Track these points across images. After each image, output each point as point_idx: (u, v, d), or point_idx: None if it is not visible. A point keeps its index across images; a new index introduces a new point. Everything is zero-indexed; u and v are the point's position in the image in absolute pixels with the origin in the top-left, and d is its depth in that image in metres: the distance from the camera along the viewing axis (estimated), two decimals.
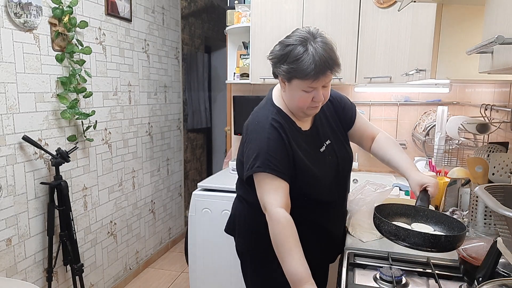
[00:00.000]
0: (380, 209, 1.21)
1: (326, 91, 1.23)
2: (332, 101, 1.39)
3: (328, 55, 1.19)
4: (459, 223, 1.11)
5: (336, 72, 1.21)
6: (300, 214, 1.22)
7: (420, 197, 1.19)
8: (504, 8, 0.69)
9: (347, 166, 1.42)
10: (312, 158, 1.28)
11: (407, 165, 1.31)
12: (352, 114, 1.43)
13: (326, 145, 1.34)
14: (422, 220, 1.20)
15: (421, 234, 1.03)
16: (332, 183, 1.33)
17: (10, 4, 1.76)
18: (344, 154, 1.39)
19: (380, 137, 1.48)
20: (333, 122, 1.39)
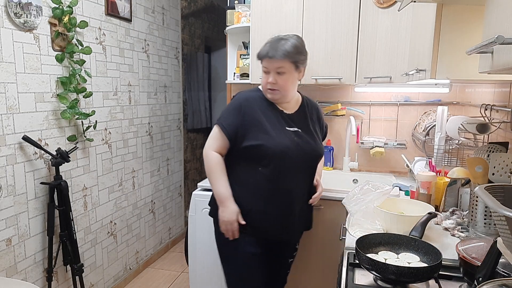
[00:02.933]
0: (372, 238, 1.25)
1: (281, 79, 1.51)
2: (318, 110, 1.75)
3: (282, 46, 1.49)
4: (437, 254, 1.11)
5: (288, 61, 1.49)
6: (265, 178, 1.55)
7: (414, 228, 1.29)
8: (504, 8, 0.69)
9: (312, 157, 1.62)
10: (273, 123, 1.55)
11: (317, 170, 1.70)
12: (325, 133, 1.82)
13: (295, 130, 1.59)
14: (412, 250, 1.20)
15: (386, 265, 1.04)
16: (292, 155, 1.54)
17: (10, 4, 1.76)
18: (313, 146, 1.61)
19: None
20: (316, 125, 1.69)
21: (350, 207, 1.53)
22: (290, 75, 1.52)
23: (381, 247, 1.22)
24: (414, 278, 1.04)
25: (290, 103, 1.62)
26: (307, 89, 2.62)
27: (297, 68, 1.54)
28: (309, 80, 2.29)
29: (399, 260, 1.15)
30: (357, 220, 1.48)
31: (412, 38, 1.70)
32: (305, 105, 1.68)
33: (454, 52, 1.24)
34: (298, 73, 1.57)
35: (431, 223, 1.45)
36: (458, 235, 1.43)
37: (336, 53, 2.23)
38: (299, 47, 1.52)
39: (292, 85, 1.56)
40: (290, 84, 1.54)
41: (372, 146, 2.44)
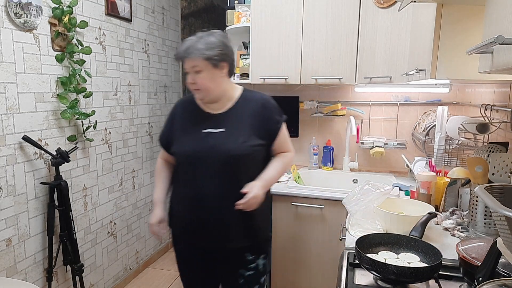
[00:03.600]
0: (372, 238, 1.24)
1: (199, 78, 1.42)
2: (264, 106, 1.54)
3: (194, 44, 1.40)
4: (437, 254, 1.11)
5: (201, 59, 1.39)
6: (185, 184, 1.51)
7: (414, 228, 1.28)
8: (504, 8, 0.69)
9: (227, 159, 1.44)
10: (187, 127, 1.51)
11: (261, 175, 1.49)
12: (275, 129, 1.54)
13: (216, 131, 1.47)
14: (412, 250, 1.20)
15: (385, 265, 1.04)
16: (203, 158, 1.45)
17: (10, 4, 1.76)
18: (229, 148, 1.44)
19: (283, 153, 1.59)
20: (252, 120, 1.50)
21: (350, 207, 1.53)
22: (208, 73, 1.42)
23: (381, 247, 1.22)
24: (414, 278, 1.04)
25: (220, 103, 1.51)
26: (307, 89, 2.62)
27: (216, 65, 1.42)
28: (309, 80, 2.30)
29: (399, 260, 1.15)
30: (357, 220, 1.48)
31: (412, 38, 1.70)
32: (240, 102, 1.53)
33: (454, 52, 1.24)
34: (220, 70, 1.44)
35: (431, 223, 1.45)
36: (458, 235, 1.43)
37: (336, 53, 2.23)
38: (212, 43, 1.40)
39: (214, 83, 1.44)
40: (210, 83, 1.43)
41: (372, 146, 2.44)
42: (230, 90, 1.53)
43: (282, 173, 1.60)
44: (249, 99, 1.54)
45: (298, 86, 2.59)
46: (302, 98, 2.63)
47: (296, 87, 2.61)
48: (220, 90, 1.48)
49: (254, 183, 1.43)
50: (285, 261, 2.24)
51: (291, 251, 2.21)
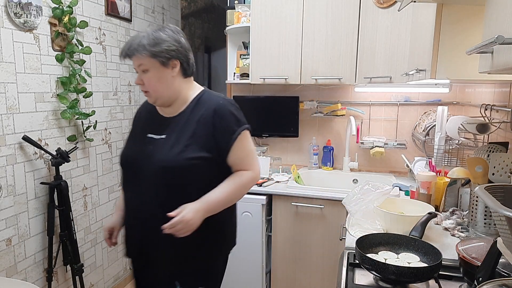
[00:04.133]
0: (372, 238, 1.24)
1: (146, 78, 1.26)
2: (216, 112, 1.27)
3: (138, 40, 1.23)
4: (437, 254, 1.11)
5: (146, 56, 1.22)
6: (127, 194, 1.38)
7: (414, 228, 1.27)
8: (504, 8, 0.69)
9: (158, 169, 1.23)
10: (136, 132, 1.40)
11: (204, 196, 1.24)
12: (227, 141, 1.27)
13: (159, 137, 1.28)
14: (412, 250, 1.20)
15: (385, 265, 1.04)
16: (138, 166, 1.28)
17: (10, 4, 1.76)
18: (161, 157, 1.24)
19: (240, 172, 1.31)
20: (198, 128, 1.27)
21: (350, 207, 1.53)
22: (156, 72, 1.24)
23: (381, 247, 1.22)
24: (414, 278, 1.04)
25: (174, 106, 1.32)
26: (307, 89, 2.62)
27: (164, 64, 1.23)
28: (309, 80, 2.30)
29: (399, 260, 1.15)
30: (357, 220, 1.48)
31: (412, 38, 1.70)
32: (192, 106, 1.31)
33: (454, 52, 1.24)
34: (172, 69, 1.25)
35: (431, 223, 1.45)
36: (458, 235, 1.43)
37: (336, 53, 2.23)
38: (159, 38, 1.22)
39: (163, 84, 1.26)
40: (158, 83, 1.25)
41: (372, 146, 2.44)
42: (186, 92, 1.32)
43: (235, 197, 1.31)
44: (203, 103, 1.30)
45: (298, 86, 2.59)
46: (302, 98, 2.63)
47: (296, 87, 2.61)
48: (171, 91, 1.28)
49: (188, 205, 1.20)
50: (285, 261, 2.24)
51: (291, 251, 2.21)
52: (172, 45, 1.24)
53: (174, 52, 1.24)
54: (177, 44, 1.25)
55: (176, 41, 1.25)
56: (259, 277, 2.20)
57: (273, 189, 2.19)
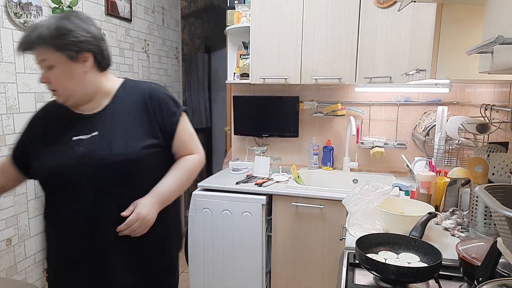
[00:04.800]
0: (372, 238, 1.24)
1: (53, 75, 1.08)
2: (153, 96, 1.19)
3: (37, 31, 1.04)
4: (437, 254, 1.11)
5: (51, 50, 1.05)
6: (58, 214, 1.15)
7: (414, 228, 1.26)
8: (504, 8, 0.69)
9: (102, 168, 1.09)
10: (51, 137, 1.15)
11: (154, 188, 1.16)
12: (172, 123, 1.20)
13: (89, 136, 1.12)
14: (412, 250, 1.20)
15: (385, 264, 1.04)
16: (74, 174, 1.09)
17: (10, 4, 1.76)
18: (103, 154, 1.10)
19: (187, 157, 1.25)
20: (139, 116, 1.17)
21: (350, 207, 1.53)
22: (63, 68, 1.07)
23: (381, 247, 1.22)
24: (414, 278, 1.04)
25: (93, 101, 1.16)
26: (307, 89, 2.62)
27: (73, 58, 1.07)
28: (309, 80, 2.30)
29: (399, 260, 1.15)
30: (357, 220, 1.48)
31: (412, 38, 1.70)
32: (119, 97, 1.18)
33: (454, 52, 1.24)
34: (83, 63, 1.09)
35: (431, 223, 1.45)
36: (458, 235, 1.43)
37: (336, 53, 2.23)
38: (63, 28, 1.05)
39: (75, 81, 1.09)
40: (68, 81, 1.09)
41: (372, 146, 2.44)
42: (105, 85, 1.18)
43: (186, 183, 1.23)
44: (132, 91, 1.20)
45: (298, 86, 2.59)
46: (302, 98, 2.63)
47: (296, 87, 2.61)
48: (86, 88, 1.13)
49: (140, 200, 1.11)
50: (285, 261, 2.24)
51: (291, 251, 2.21)
52: (80, 35, 1.07)
53: (83, 43, 1.07)
54: (87, 34, 1.08)
55: (85, 31, 1.08)
56: (259, 277, 2.20)
57: (273, 189, 2.19)
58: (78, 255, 1.12)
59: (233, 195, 2.18)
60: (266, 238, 2.21)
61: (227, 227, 2.19)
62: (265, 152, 2.61)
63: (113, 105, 1.17)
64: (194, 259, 2.29)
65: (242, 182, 2.29)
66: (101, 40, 1.13)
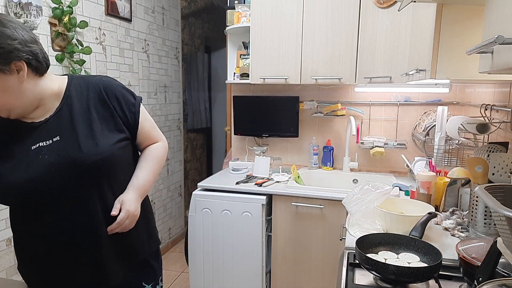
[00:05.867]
0: (372, 238, 1.24)
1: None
2: (107, 89, 1.13)
3: None
4: (437, 254, 1.11)
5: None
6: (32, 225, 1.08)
7: (414, 228, 1.27)
8: (504, 8, 0.69)
9: (85, 171, 1.04)
10: (11, 156, 1.03)
11: (132, 182, 1.16)
12: (134, 113, 1.17)
13: (49, 143, 1.05)
14: (412, 250, 1.20)
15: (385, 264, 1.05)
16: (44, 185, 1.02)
17: (10, 4, 1.76)
18: (75, 156, 1.03)
19: (153, 145, 1.26)
20: (98, 112, 1.11)
21: (350, 207, 1.53)
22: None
23: (381, 247, 1.22)
24: (414, 278, 1.04)
25: (41, 108, 1.07)
26: (307, 89, 2.62)
27: (3, 70, 0.94)
28: (309, 80, 2.30)
29: (399, 260, 1.15)
30: (357, 220, 1.48)
31: (412, 38, 1.70)
32: (70, 96, 1.10)
33: (454, 52, 1.24)
34: (17, 73, 0.97)
35: (431, 223, 1.45)
36: (458, 235, 1.43)
37: (336, 53, 2.23)
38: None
39: (12, 94, 0.98)
40: (3, 95, 0.97)
41: (372, 146, 2.44)
42: (50, 87, 1.08)
43: (158, 171, 1.25)
44: (83, 88, 1.12)
45: (298, 86, 2.59)
46: (302, 98, 2.63)
47: (296, 87, 2.61)
48: (27, 98, 1.02)
49: (125, 197, 1.11)
50: (285, 261, 2.24)
51: (291, 251, 2.21)
52: (5, 44, 0.93)
53: (12, 53, 0.94)
54: (13, 41, 0.95)
55: (11, 38, 0.95)
56: (259, 277, 2.20)
57: (273, 189, 2.19)
58: (69, 259, 1.09)
59: (233, 195, 2.18)
60: (266, 238, 2.21)
61: (227, 227, 2.19)
62: (265, 152, 2.61)
63: (67, 105, 1.09)
64: (194, 259, 2.29)
65: (242, 182, 2.29)
66: (32, 44, 1.01)
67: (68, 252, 1.08)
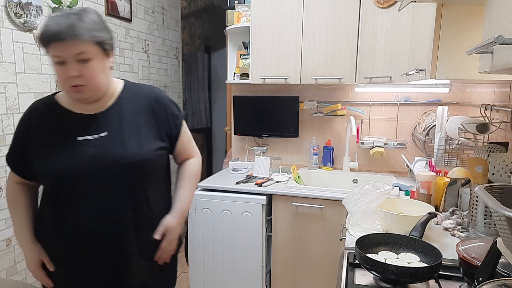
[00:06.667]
0: (371, 238, 1.24)
1: (87, 69, 1.04)
2: (158, 101, 1.22)
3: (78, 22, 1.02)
4: (437, 254, 1.11)
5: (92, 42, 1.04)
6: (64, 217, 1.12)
7: (414, 228, 1.27)
8: (504, 8, 0.69)
9: (121, 168, 1.10)
10: (53, 138, 1.11)
11: (177, 205, 1.25)
12: (177, 126, 1.26)
13: (96, 137, 1.11)
14: (412, 250, 1.20)
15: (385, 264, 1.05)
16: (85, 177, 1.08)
17: (10, 4, 1.76)
18: (125, 153, 1.11)
19: (190, 162, 1.34)
20: (146, 119, 1.19)
21: (350, 207, 1.53)
22: (99, 62, 1.07)
23: (381, 247, 1.22)
24: (414, 278, 1.04)
25: (101, 100, 1.16)
26: (307, 89, 2.62)
27: (107, 52, 1.10)
28: (309, 80, 2.30)
29: (399, 260, 1.15)
30: (357, 220, 1.48)
31: (412, 38, 1.70)
32: (124, 98, 1.19)
33: (454, 52, 1.24)
34: (110, 58, 1.12)
35: (431, 223, 1.45)
36: (458, 235, 1.43)
37: (336, 53, 2.23)
38: (99, 23, 1.07)
39: (104, 76, 1.10)
40: (100, 75, 1.08)
41: (372, 146, 2.44)
42: (112, 83, 1.19)
43: (195, 189, 1.36)
44: (136, 94, 1.21)
45: (298, 86, 2.59)
46: (302, 98, 2.63)
47: (296, 87, 2.61)
48: (108, 85, 1.14)
49: (169, 224, 1.20)
50: (285, 261, 2.24)
51: (291, 251, 2.21)
52: (111, 33, 1.11)
53: (112, 40, 1.12)
54: (111, 32, 1.12)
55: (110, 28, 1.12)
56: (259, 277, 2.20)
57: (273, 189, 2.19)
58: (95, 256, 1.12)
59: (233, 195, 2.18)
60: (266, 238, 2.21)
61: (227, 227, 2.19)
62: (265, 152, 2.61)
63: (118, 106, 1.16)
64: (194, 259, 2.29)
65: (242, 182, 2.29)
66: None
67: (92, 247, 1.11)
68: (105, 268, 1.13)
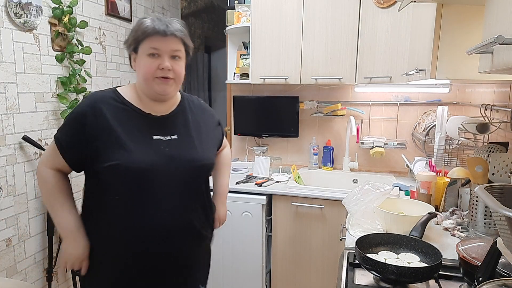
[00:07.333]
0: (371, 238, 1.24)
1: (178, 66, 1.16)
2: (205, 108, 1.38)
3: (176, 24, 1.16)
4: (437, 254, 1.11)
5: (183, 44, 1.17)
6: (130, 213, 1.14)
7: (414, 228, 1.28)
8: (504, 8, 0.69)
9: (195, 169, 1.21)
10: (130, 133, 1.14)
11: (219, 190, 1.46)
12: (222, 132, 1.46)
13: (168, 138, 1.19)
14: (412, 250, 1.20)
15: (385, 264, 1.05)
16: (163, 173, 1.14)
17: (10, 4, 1.76)
18: (195, 156, 1.21)
19: (224, 151, 1.53)
20: (205, 125, 1.31)
21: (350, 207, 1.53)
22: (184, 62, 1.21)
23: (381, 247, 1.22)
24: (414, 278, 1.04)
25: (168, 103, 1.24)
26: (307, 89, 2.62)
27: (188, 55, 1.23)
28: (309, 80, 2.29)
29: (399, 260, 1.15)
30: (357, 220, 1.48)
31: (412, 38, 1.70)
32: (186, 104, 1.29)
33: (454, 52, 1.24)
34: (185, 63, 1.23)
35: (431, 223, 1.45)
36: (458, 235, 1.43)
37: (336, 53, 2.23)
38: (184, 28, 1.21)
39: (183, 75, 1.22)
40: (183, 73, 1.21)
41: (372, 146, 2.44)
42: None
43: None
44: (198, 107, 1.34)
45: (298, 86, 2.59)
46: (302, 98, 2.63)
47: (296, 87, 2.61)
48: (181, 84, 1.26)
49: (221, 215, 1.42)
50: (285, 261, 2.24)
51: (291, 251, 2.21)
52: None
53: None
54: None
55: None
56: (259, 277, 2.20)
57: (273, 189, 2.19)
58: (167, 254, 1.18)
59: (233, 195, 2.18)
60: (266, 238, 2.21)
61: (227, 227, 2.19)
62: (265, 152, 2.61)
63: (181, 112, 1.26)
64: None
65: (242, 182, 2.29)
66: None
67: (166, 245, 1.17)
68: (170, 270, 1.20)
